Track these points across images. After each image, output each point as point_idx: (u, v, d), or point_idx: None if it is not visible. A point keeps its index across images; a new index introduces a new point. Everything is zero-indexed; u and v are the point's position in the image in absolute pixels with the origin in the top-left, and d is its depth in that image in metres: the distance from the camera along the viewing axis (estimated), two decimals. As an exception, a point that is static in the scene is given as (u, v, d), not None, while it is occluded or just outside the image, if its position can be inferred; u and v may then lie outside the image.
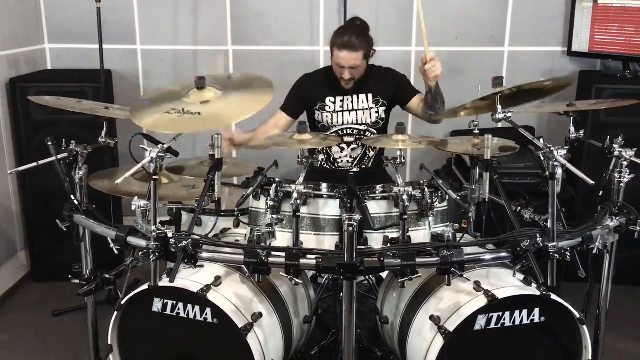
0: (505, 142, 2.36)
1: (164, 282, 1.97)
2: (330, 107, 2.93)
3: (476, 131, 2.28)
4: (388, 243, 2.04)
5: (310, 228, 2.08)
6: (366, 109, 2.93)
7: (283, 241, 2.07)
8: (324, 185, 2.10)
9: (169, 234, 1.87)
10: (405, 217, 2.00)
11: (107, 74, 3.50)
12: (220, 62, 2.59)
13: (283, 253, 1.89)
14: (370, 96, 2.92)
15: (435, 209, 2.12)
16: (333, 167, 3.04)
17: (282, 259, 1.87)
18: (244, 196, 2.12)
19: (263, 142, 2.82)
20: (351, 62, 2.77)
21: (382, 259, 1.84)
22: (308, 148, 2.23)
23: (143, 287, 2.01)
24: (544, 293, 1.96)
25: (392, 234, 2.06)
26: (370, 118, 2.94)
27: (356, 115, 2.93)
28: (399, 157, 2.08)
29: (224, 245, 2.01)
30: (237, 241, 2.35)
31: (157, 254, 1.85)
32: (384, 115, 2.96)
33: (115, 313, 2.10)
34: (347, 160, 3.02)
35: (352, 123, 2.95)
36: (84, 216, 2.16)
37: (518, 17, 3.70)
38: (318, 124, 2.96)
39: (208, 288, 2.00)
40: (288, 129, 2.92)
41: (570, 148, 2.04)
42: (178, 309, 2.04)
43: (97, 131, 2.37)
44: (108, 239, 2.05)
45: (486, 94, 2.16)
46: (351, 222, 1.78)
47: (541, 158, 1.91)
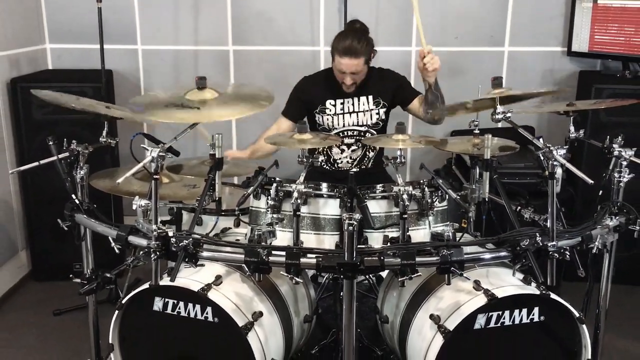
0: (505, 142, 2.36)
1: (165, 281, 1.97)
2: (330, 110, 2.93)
3: (476, 131, 2.28)
4: (388, 242, 2.04)
5: (310, 227, 2.08)
6: (367, 111, 2.93)
7: (283, 240, 2.08)
8: (324, 184, 2.10)
9: (170, 233, 1.87)
10: (405, 217, 2.00)
11: (108, 74, 3.50)
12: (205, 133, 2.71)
13: (283, 252, 1.89)
14: (370, 98, 2.92)
15: (435, 209, 2.12)
16: (333, 168, 3.05)
17: (283, 258, 1.87)
18: (245, 195, 2.12)
19: (268, 150, 2.83)
20: (353, 68, 2.77)
21: (382, 258, 1.84)
22: (308, 148, 2.24)
23: (144, 286, 2.02)
24: (544, 292, 1.96)
25: (392, 233, 2.06)
26: (370, 120, 2.94)
27: (357, 117, 2.93)
28: (399, 157, 2.08)
29: (225, 244, 2.01)
30: (238, 240, 2.36)
31: (158, 253, 1.85)
32: (384, 116, 2.96)
33: (116, 312, 2.11)
34: (347, 161, 3.02)
35: (353, 125, 2.95)
36: (85, 215, 2.16)
37: (518, 17, 3.70)
38: (319, 127, 2.96)
39: (209, 287, 2.01)
40: None
41: (570, 148, 2.04)
42: (179, 308, 2.04)
43: (98, 131, 2.37)
44: (109, 238, 2.05)
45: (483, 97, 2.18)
46: (351, 222, 1.78)
47: (541, 158, 1.91)
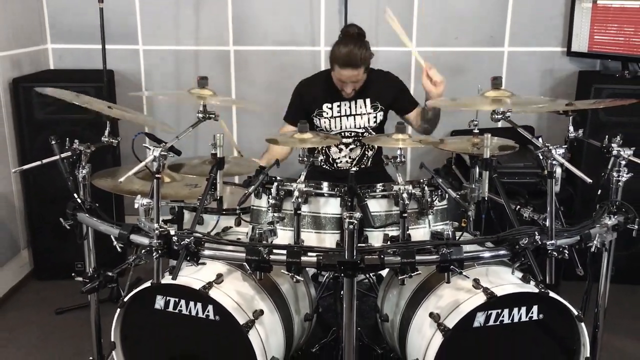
0: (504, 142, 2.37)
1: (167, 280, 1.97)
2: (327, 113, 2.94)
3: (476, 130, 2.29)
4: (388, 241, 2.05)
5: (311, 226, 2.09)
6: (364, 114, 2.93)
7: (284, 239, 2.08)
8: (325, 183, 2.10)
9: (172, 232, 1.88)
10: (405, 216, 2.00)
11: (110, 74, 3.52)
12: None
13: (284, 251, 1.90)
14: (368, 101, 2.93)
15: (435, 208, 2.12)
16: (332, 168, 3.06)
17: (284, 257, 1.88)
18: (246, 195, 2.13)
19: (279, 153, 2.83)
20: (353, 78, 2.78)
21: (382, 257, 1.85)
22: (308, 147, 2.24)
23: (145, 285, 2.03)
24: (543, 290, 1.97)
25: (392, 232, 2.07)
26: (368, 122, 2.94)
27: (354, 120, 2.94)
28: (399, 156, 2.09)
29: (226, 243, 2.01)
30: (239, 239, 2.37)
31: (160, 252, 1.85)
32: (382, 118, 2.97)
33: (118, 310, 2.12)
34: (346, 160, 3.03)
35: (350, 127, 2.96)
36: (87, 214, 2.17)
37: (518, 18, 3.71)
38: (317, 129, 2.97)
39: (210, 285, 2.02)
40: None
41: (569, 147, 2.05)
42: (180, 306, 2.05)
43: (99, 130, 2.38)
44: (111, 238, 2.05)
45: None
46: (352, 220, 1.78)
47: (540, 157, 1.90)
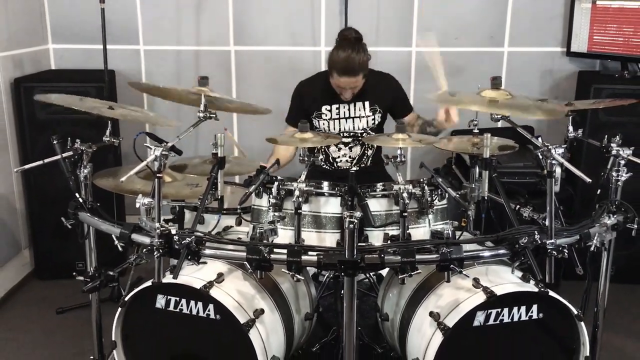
0: (504, 141, 2.38)
1: (168, 279, 1.98)
2: (326, 115, 2.94)
3: (476, 130, 2.30)
4: (388, 240, 2.05)
5: (311, 225, 2.10)
6: (363, 117, 2.94)
7: (285, 238, 2.09)
8: (326, 183, 2.11)
9: (173, 231, 1.89)
10: (405, 215, 2.01)
11: (111, 74, 3.52)
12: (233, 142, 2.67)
13: (285, 250, 1.90)
14: (367, 104, 2.93)
15: (435, 207, 2.13)
16: (332, 168, 3.06)
17: (284, 256, 1.88)
18: (247, 194, 2.14)
19: (283, 154, 2.83)
20: (352, 85, 2.78)
21: (383, 256, 1.85)
22: (308, 147, 2.25)
23: (146, 284, 2.04)
24: (542, 290, 1.98)
25: (393, 231, 2.07)
26: (367, 125, 2.95)
27: (353, 122, 2.95)
28: (399, 156, 2.09)
29: (227, 242, 2.02)
30: (240, 239, 2.37)
31: (161, 251, 1.86)
32: (380, 119, 2.98)
33: (119, 309, 2.12)
34: (346, 160, 3.04)
35: (349, 130, 2.96)
36: (89, 214, 2.18)
37: (517, 18, 3.72)
38: (316, 130, 2.97)
39: (211, 284, 2.02)
40: None
41: (569, 147, 2.05)
42: (181, 305, 2.06)
43: (100, 130, 2.39)
44: (112, 237, 2.06)
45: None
46: (352, 219, 1.79)
47: (539, 156, 1.91)
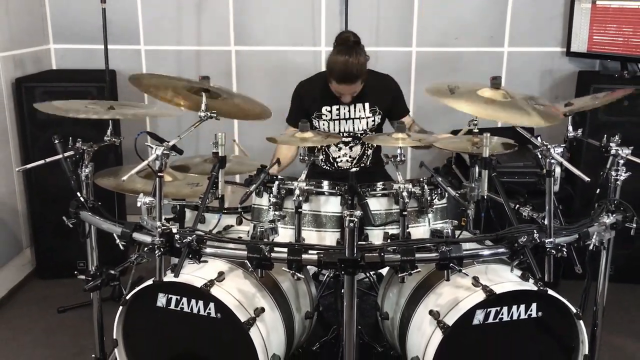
0: (503, 141, 2.38)
1: (169, 278, 2.00)
2: (326, 116, 2.95)
3: (475, 130, 2.31)
4: (388, 239, 2.06)
5: (312, 224, 2.11)
6: (363, 118, 2.94)
7: (285, 237, 2.09)
8: (326, 182, 2.12)
9: (174, 230, 1.89)
10: (405, 214, 2.02)
11: (112, 74, 3.53)
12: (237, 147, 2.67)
13: (285, 248, 1.91)
14: (367, 105, 2.94)
15: (434, 206, 2.14)
16: (333, 168, 3.07)
17: (285, 255, 1.88)
18: (247, 193, 2.14)
19: (285, 154, 2.84)
20: (351, 91, 2.79)
21: (382, 255, 1.86)
22: (309, 146, 2.25)
23: (148, 282, 2.05)
24: (541, 288, 1.99)
25: (392, 230, 2.08)
26: (366, 126, 2.96)
27: (352, 123, 2.95)
28: (399, 155, 2.10)
29: (228, 240, 2.02)
30: (240, 238, 2.38)
31: (162, 250, 1.87)
32: (380, 121, 2.99)
33: (120, 308, 2.13)
34: (347, 160, 3.04)
35: (349, 130, 2.97)
36: (90, 213, 2.19)
37: (517, 18, 3.72)
38: (315, 130, 2.98)
39: (211, 283, 2.03)
40: None
41: (568, 147, 2.06)
42: (182, 304, 2.07)
43: (101, 130, 2.40)
44: (113, 236, 2.07)
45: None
46: (352, 218, 1.80)
47: (538, 156, 1.92)
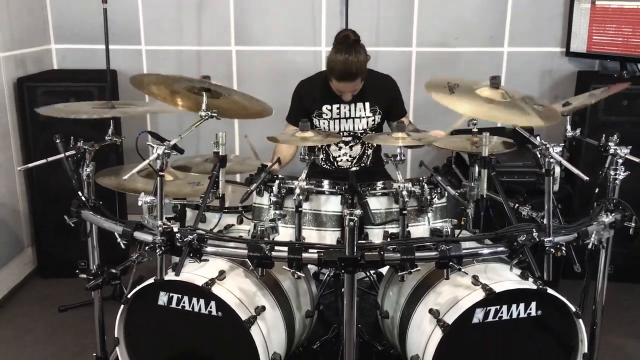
0: (503, 140, 2.39)
1: (170, 276, 2.01)
2: (327, 115, 2.95)
3: (475, 130, 2.32)
4: (388, 238, 2.07)
5: (312, 223, 2.12)
6: (363, 117, 2.95)
7: (285, 236, 2.10)
8: (326, 181, 2.13)
9: (175, 229, 1.90)
10: (405, 213, 2.03)
11: (113, 74, 3.54)
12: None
13: (286, 247, 1.91)
14: (367, 105, 2.94)
15: (434, 205, 2.15)
16: (333, 167, 3.08)
17: (285, 253, 1.89)
18: (248, 192, 2.15)
19: (285, 153, 2.83)
20: (351, 89, 2.80)
21: (382, 253, 1.87)
22: (309, 145, 2.26)
23: (149, 281, 2.06)
24: (541, 287, 2.00)
25: (392, 229, 2.09)
26: (367, 125, 2.97)
27: (352, 122, 2.96)
28: (399, 155, 2.11)
29: (229, 239, 2.03)
30: (241, 237, 2.39)
31: (164, 248, 1.88)
32: (380, 120, 2.99)
33: (121, 306, 2.14)
34: (347, 159, 3.05)
35: (349, 130, 2.98)
36: (92, 212, 2.19)
37: (517, 18, 3.73)
38: (316, 129, 2.99)
39: (212, 282, 2.04)
40: None
41: (568, 146, 2.07)
42: (183, 302, 2.08)
43: (103, 129, 2.41)
44: (114, 235, 2.08)
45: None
46: (352, 217, 1.80)
47: (537, 155, 1.93)
